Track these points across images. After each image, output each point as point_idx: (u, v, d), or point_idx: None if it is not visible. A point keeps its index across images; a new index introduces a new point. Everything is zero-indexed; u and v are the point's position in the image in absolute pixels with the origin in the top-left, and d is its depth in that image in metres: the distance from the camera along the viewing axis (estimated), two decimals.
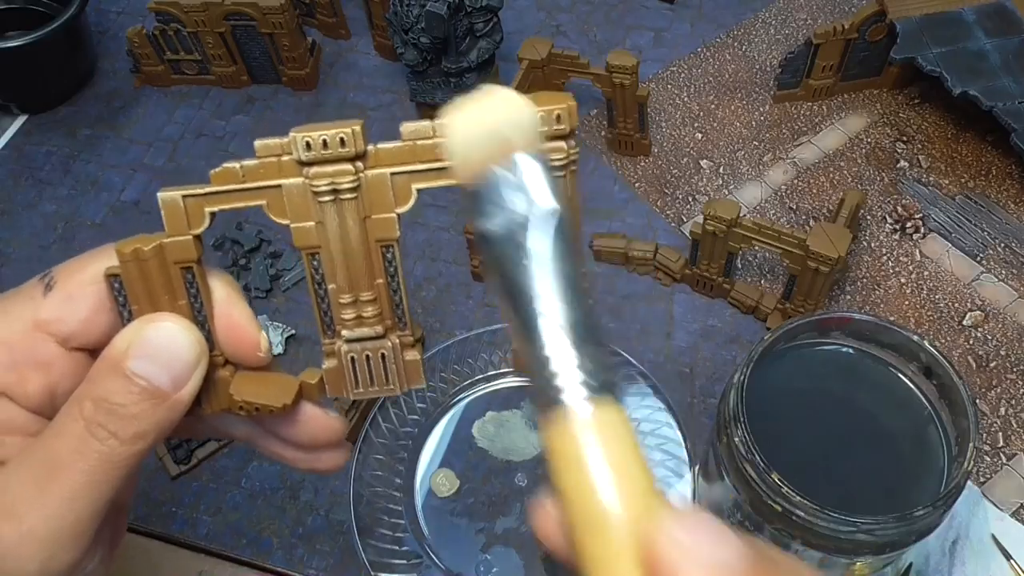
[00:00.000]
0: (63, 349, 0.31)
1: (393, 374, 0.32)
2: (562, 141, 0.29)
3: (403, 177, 0.30)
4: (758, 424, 0.43)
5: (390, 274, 0.31)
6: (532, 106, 0.25)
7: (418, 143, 0.30)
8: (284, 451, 0.34)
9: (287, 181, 0.30)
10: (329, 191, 0.29)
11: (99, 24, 0.85)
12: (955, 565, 0.53)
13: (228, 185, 0.30)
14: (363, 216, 0.30)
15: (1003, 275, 0.66)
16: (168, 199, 0.30)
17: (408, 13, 0.67)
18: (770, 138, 0.74)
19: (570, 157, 0.29)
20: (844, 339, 0.48)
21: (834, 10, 0.82)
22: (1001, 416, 0.59)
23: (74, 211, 0.73)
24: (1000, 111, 0.66)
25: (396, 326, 0.32)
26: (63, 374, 0.31)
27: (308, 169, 0.29)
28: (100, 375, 0.29)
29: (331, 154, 0.29)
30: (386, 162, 0.30)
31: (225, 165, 0.30)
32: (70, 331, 0.31)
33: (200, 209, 0.30)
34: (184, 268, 0.30)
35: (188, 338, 0.30)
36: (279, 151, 0.29)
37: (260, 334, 0.32)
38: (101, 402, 0.29)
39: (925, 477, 0.45)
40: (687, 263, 0.64)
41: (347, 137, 0.29)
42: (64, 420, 0.29)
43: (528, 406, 0.60)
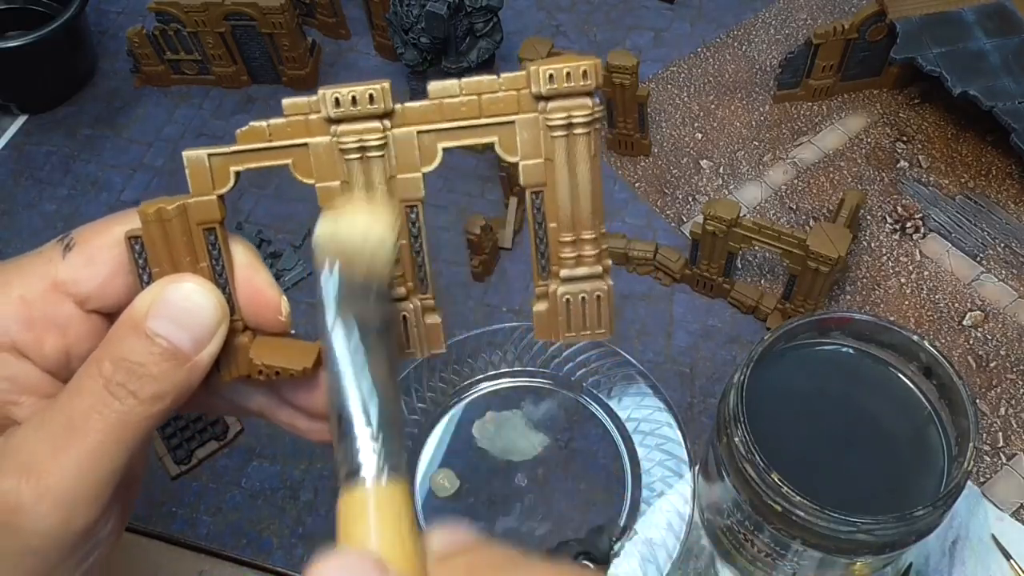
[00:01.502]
0: (80, 311, 0.31)
1: (414, 338, 0.32)
2: (587, 97, 0.29)
3: (429, 136, 0.30)
4: (758, 424, 0.43)
5: (413, 235, 0.31)
6: (391, 234, 0.28)
7: (445, 101, 0.30)
8: (298, 421, 0.34)
9: (314, 139, 0.30)
10: (356, 148, 0.29)
11: (99, 24, 0.85)
12: (955, 565, 0.53)
13: (254, 143, 0.30)
14: (389, 175, 0.30)
15: (1003, 275, 0.66)
16: (194, 157, 0.30)
17: (408, 13, 0.67)
18: (770, 138, 0.74)
19: (595, 114, 0.29)
20: (844, 339, 0.48)
21: (834, 10, 0.82)
22: (1001, 416, 0.59)
23: (74, 211, 0.73)
24: (1000, 111, 0.66)
25: (418, 288, 0.32)
26: (79, 336, 0.31)
27: (336, 127, 0.29)
28: (120, 335, 0.29)
29: (360, 111, 0.29)
30: (413, 120, 0.30)
31: (252, 124, 0.30)
32: (88, 292, 0.30)
33: (226, 168, 0.30)
34: (207, 230, 0.30)
35: (210, 300, 0.30)
36: (307, 110, 0.29)
37: (282, 298, 0.32)
38: (121, 361, 0.28)
39: (925, 477, 0.45)
40: (687, 263, 0.64)
41: (376, 94, 0.29)
42: (83, 379, 0.29)
43: (528, 406, 0.60)
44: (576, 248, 0.31)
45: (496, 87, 0.30)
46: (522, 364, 0.61)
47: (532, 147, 0.30)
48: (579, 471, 0.57)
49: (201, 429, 0.59)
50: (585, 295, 0.31)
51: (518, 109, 0.30)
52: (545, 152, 0.30)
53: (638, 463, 0.57)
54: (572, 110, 0.29)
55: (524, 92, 0.29)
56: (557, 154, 0.30)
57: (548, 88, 0.29)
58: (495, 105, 0.30)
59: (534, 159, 0.30)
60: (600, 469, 0.57)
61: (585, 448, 0.58)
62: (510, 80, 0.29)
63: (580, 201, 0.30)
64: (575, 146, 0.30)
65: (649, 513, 0.55)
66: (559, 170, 0.30)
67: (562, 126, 0.29)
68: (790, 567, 0.47)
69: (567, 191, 0.30)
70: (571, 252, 0.31)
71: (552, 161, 0.30)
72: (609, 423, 0.59)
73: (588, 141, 0.30)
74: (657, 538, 0.54)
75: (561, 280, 0.31)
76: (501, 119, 0.30)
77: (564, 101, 0.29)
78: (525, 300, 0.65)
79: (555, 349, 0.61)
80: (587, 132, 0.29)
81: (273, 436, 0.60)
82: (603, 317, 0.32)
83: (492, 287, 0.66)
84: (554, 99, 0.29)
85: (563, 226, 0.30)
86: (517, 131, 0.30)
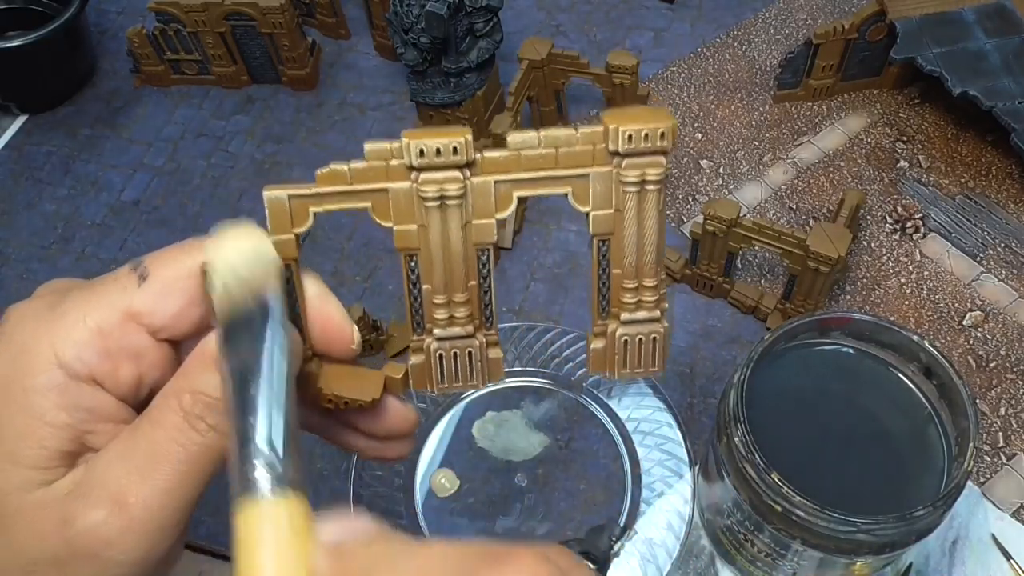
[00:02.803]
0: (153, 340, 0.31)
1: (477, 371, 0.34)
2: (662, 156, 0.30)
3: (506, 185, 0.31)
4: (758, 424, 0.43)
5: (483, 276, 0.32)
6: (270, 249, 0.29)
7: (523, 153, 0.31)
8: (357, 441, 0.35)
9: (395, 185, 0.30)
10: (436, 197, 0.30)
11: (99, 24, 0.85)
12: (955, 565, 0.53)
13: (335, 187, 0.30)
14: (464, 221, 0.31)
15: (1003, 275, 0.66)
16: (274, 198, 0.30)
17: (408, 13, 0.67)
18: (770, 138, 0.74)
19: (666, 172, 0.31)
20: (844, 339, 0.48)
21: (834, 10, 0.82)
22: (1001, 416, 0.59)
23: (74, 211, 0.73)
24: (1000, 111, 0.66)
25: (483, 325, 0.33)
26: (151, 364, 0.31)
27: (417, 174, 0.30)
28: (198, 369, 0.30)
29: (442, 161, 0.30)
30: (491, 170, 0.31)
31: (332, 166, 0.30)
32: (162, 323, 0.31)
33: (305, 209, 0.30)
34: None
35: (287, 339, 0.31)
36: (388, 155, 0.30)
37: (353, 328, 0.33)
38: (199, 396, 0.29)
39: (925, 477, 0.45)
40: (687, 263, 0.64)
41: (460, 146, 0.30)
42: (163, 411, 0.30)
43: (528, 406, 0.60)
44: (638, 293, 0.32)
45: (574, 141, 0.30)
46: (522, 364, 0.61)
47: (604, 199, 0.31)
48: (579, 471, 0.57)
49: None
50: (642, 336, 0.33)
51: (593, 162, 0.31)
52: (615, 204, 0.31)
53: (638, 463, 0.57)
54: (646, 168, 0.30)
55: (600, 147, 0.30)
56: (627, 207, 0.31)
57: (626, 148, 0.30)
58: (571, 158, 0.31)
59: (605, 210, 0.31)
60: (600, 469, 0.57)
61: (585, 448, 0.58)
62: (587, 135, 0.30)
63: (645, 251, 0.32)
64: (645, 200, 0.31)
65: (649, 513, 0.55)
66: (628, 222, 0.31)
67: (635, 183, 0.30)
68: (790, 567, 0.47)
69: (633, 241, 0.32)
70: (632, 297, 0.32)
71: (621, 212, 0.31)
72: (609, 423, 0.59)
73: (658, 197, 0.31)
74: (657, 538, 0.54)
75: (621, 322, 0.33)
76: (576, 172, 0.31)
77: (639, 159, 0.30)
78: (525, 300, 0.65)
79: (555, 349, 0.61)
80: (658, 189, 0.31)
81: None
82: (657, 357, 0.34)
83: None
84: (629, 156, 0.30)
85: (627, 274, 0.32)
86: (591, 184, 0.31)
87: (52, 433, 0.29)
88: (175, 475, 0.29)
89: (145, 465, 0.29)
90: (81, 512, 0.29)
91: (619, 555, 0.54)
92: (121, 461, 0.29)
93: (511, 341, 0.61)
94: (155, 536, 0.29)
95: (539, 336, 0.61)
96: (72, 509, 0.29)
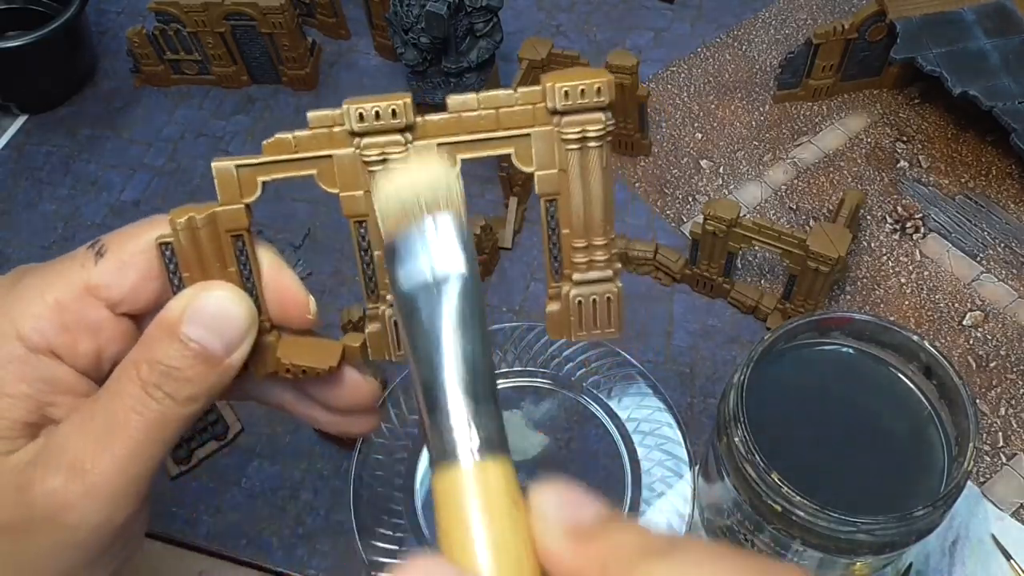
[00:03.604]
0: (111, 314, 0.32)
1: None
2: (600, 112, 0.30)
3: (448, 148, 0.31)
4: (758, 424, 0.43)
5: None
6: (453, 170, 0.30)
7: (463, 115, 0.31)
8: (320, 415, 0.36)
9: (338, 151, 0.31)
10: (379, 160, 0.31)
11: (99, 24, 0.85)
12: (955, 565, 0.53)
13: (281, 155, 0.31)
14: None
15: (1003, 275, 0.66)
16: (222, 168, 0.31)
17: (408, 13, 0.67)
18: (770, 138, 0.74)
19: (606, 128, 0.31)
20: (844, 339, 0.48)
21: (834, 10, 0.82)
22: (1001, 416, 0.59)
23: (74, 211, 0.73)
24: (1000, 111, 0.66)
25: None
26: (110, 338, 0.32)
27: (359, 140, 0.30)
28: (155, 339, 0.31)
29: (382, 125, 0.30)
30: (432, 133, 0.31)
31: (278, 136, 0.31)
32: (120, 297, 0.32)
33: (253, 179, 0.31)
34: (235, 236, 0.31)
35: (240, 306, 0.31)
36: (330, 122, 0.31)
37: (308, 297, 0.33)
38: (157, 365, 0.30)
39: (925, 477, 0.45)
40: (687, 263, 0.64)
41: (398, 109, 0.30)
42: (121, 381, 0.30)
43: (528, 406, 0.60)
44: (588, 253, 0.32)
45: (512, 101, 0.31)
46: (522, 364, 0.61)
47: (547, 158, 0.31)
48: (579, 471, 0.57)
49: (201, 429, 0.59)
50: (596, 297, 0.33)
51: (533, 122, 0.31)
52: (559, 163, 0.31)
53: (638, 463, 0.57)
54: (586, 125, 0.30)
55: (540, 106, 0.31)
56: (571, 165, 0.31)
57: (563, 104, 0.30)
58: (511, 118, 0.31)
59: (549, 170, 0.31)
60: (600, 469, 0.57)
61: (585, 448, 0.58)
62: (526, 95, 0.31)
63: (592, 209, 0.32)
64: (588, 158, 0.31)
65: (649, 513, 0.55)
66: (573, 180, 0.31)
67: (576, 140, 0.31)
68: None
69: (580, 200, 0.32)
70: (583, 257, 0.32)
71: (566, 171, 0.31)
72: (609, 423, 0.59)
73: (600, 153, 0.31)
74: None
75: (574, 283, 0.33)
76: (517, 132, 0.31)
77: (578, 116, 0.30)
78: (525, 300, 0.65)
79: (555, 349, 0.61)
80: (600, 145, 0.31)
81: (273, 436, 0.60)
82: (613, 317, 0.33)
83: (492, 287, 0.66)
84: (569, 114, 0.30)
85: (576, 232, 0.32)
86: (533, 143, 0.31)
87: (12, 404, 0.30)
88: (132, 443, 0.30)
89: (103, 433, 0.30)
90: (39, 478, 0.29)
91: None
92: (80, 430, 0.30)
93: (511, 341, 0.61)
94: (113, 502, 0.30)
95: (539, 336, 0.61)
96: (31, 476, 0.30)
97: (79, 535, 0.30)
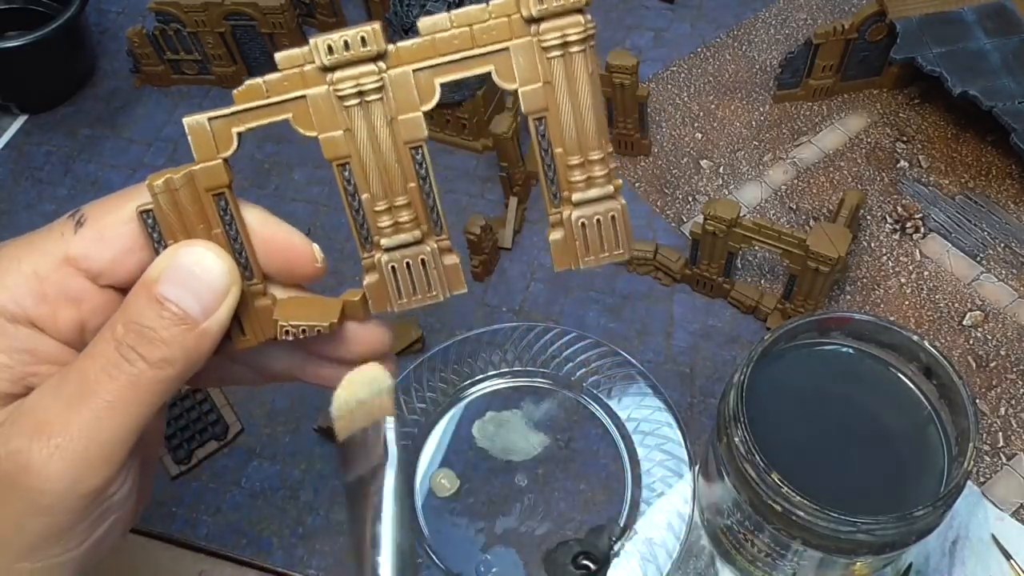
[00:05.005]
0: (93, 285, 0.31)
1: (435, 280, 0.32)
2: (579, 15, 0.29)
3: (425, 73, 0.30)
4: (758, 424, 0.43)
5: (421, 176, 0.31)
6: (388, 378, 0.32)
7: (437, 36, 0.30)
8: (332, 372, 0.34)
9: (311, 91, 0.30)
10: (354, 94, 0.29)
11: (99, 24, 0.85)
12: (955, 565, 0.53)
13: (253, 102, 0.30)
14: (390, 118, 0.30)
15: (1003, 275, 0.66)
16: (194, 123, 0.30)
17: (408, 13, 0.67)
18: (770, 138, 0.74)
19: (587, 31, 0.29)
20: (844, 339, 0.48)
21: (834, 10, 0.82)
22: (1001, 416, 0.59)
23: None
24: (1000, 111, 0.66)
25: (432, 231, 0.32)
26: (93, 310, 0.31)
27: (332, 75, 0.29)
28: (133, 299, 0.30)
29: (353, 55, 0.29)
30: (407, 60, 0.30)
31: (248, 82, 0.30)
32: (100, 268, 0.31)
33: (227, 130, 0.30)
34: (216, 195, 0.30)
35: (220, 265, 0.30)
36: (301, 61, 0.30)
37: (312, 245, 0.32)
38: (131, 325, 0.29)
39: (925, 477, 0.45)
40: (687, 263, 0.64)
41: (368, 36, 0.29)
42: (97, 343, 0.30)
43: (528, 406, 0.60)
44: (585, 170, 0.31)
45: (486, 15, 0.29)
46: (522, 364, 0.61)
47: (529, 72, 0.30)
48: (579, 471, 0.57)
49: (201, 429, 0.59)
50: (600, 217, 0.31)
51: (511, 35, 0.29)
52: (543, 75, 0.30)
53: (638, 463, 0.57)
54: (566, 28, 0.29)
55: (515, 17, 0.29)
56: (555, 76, 0.30)
57: (539, 9, 0.29)
58: (488, 34, 0.29)
59: (532, 84, 0.30)
60: (600, 469, 0.57)
61: (585, 448, 0.58)
62: (499, 6, 0.29)
63: (584, 121, 0.30)
64: (572, 65, 0.29)
65: (649, 513, 0.55)
66: (559, 92, 0.30)
67: (557, 46, 0.29)
68: (790, 567, 0.47)
69: (570, 112, 0.30)
70: (581, 175, 0.31)
71: (551, 84, 0.30)
72: (609, 423, 0.59)
73: (585, 59, 0.29)
74: (657, 538, 0.54)
75: (574, 204, 0.31)
76: (495, 47, 0.29)
77: (556, 21, 0.29)
78: (525, 300, 0.65)
79: (555, 349, 0.61)
80: (583, 50, 0.29)
81: (273, 436, 0.60)
82: (620, 237, 0.32)
83: (492, 287, 0.66)
84: (546, 20, 0.29)
85: (569, 149, 0.30)
86: (512, 57, 0.30)
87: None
88: (103, 405, 0.29)
89: (74, 395, 0.29)
90: (4, 439, 0.28)
91: (619, 555, 0.54)
92: (52, 392, 0.29)
93: (511, 341, 0.61)
94: (81, 466, 0.28)
95: (539, 336, 0.61)
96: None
97: (44, 500, 0.28)
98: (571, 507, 0.56)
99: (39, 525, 0.29)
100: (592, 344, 0.61)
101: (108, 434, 0.29)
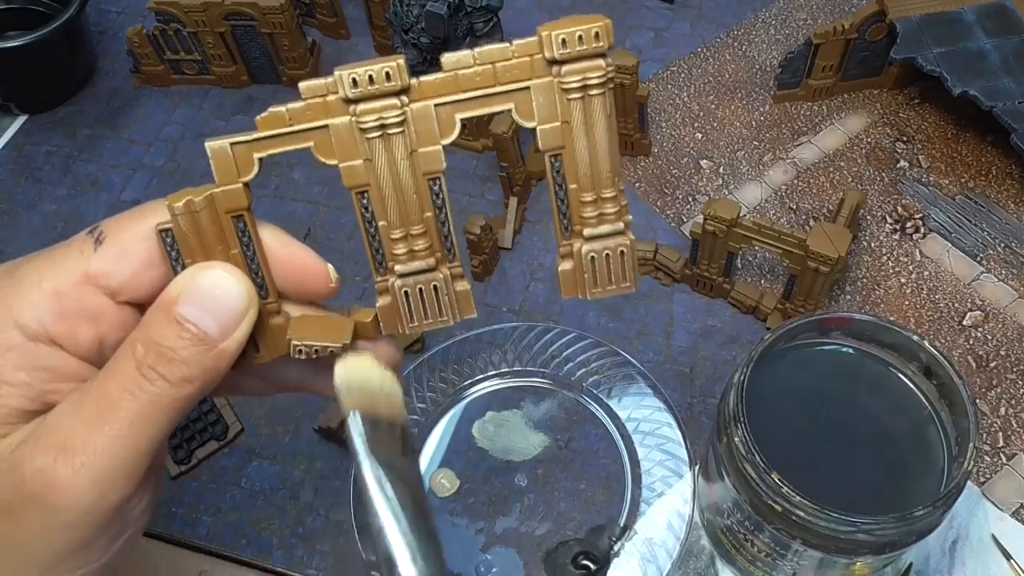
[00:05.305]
0: (111, 302, 0.31)
1: (446, 306, 0.33)
2: (600, 59, 0.30)
3: (447, 108, 0.31)
4: (758, 424, 0.43)
5: (438, 206, 0.32)
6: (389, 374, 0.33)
7: (460, 72, 0.30)
8: None
9: (334, 120, 0.30)
10: (376, 127, 0.30)
11: (99, 24, 0.85)
12: (955, 565, 0.53)
13: (275, 129, 0.30)
14: (410, 150, 0.31)
15: (1003, 275, 0.66)
16: (217, 147, 0.30)
17: (408, 13, 0.67)
18: (770, 138, 0.74)
19: (608, 75, 0.30)
20: (844, 339, 0.48)
21: (834, 10, 0.82)
22: (1001, 416, 0.59)
23: (74, 211, 0.73)
24: (1000, 111, 0.66)
25: (446, 258, 0.33)
26: (112, 326, 0.32)
27: (355, 106, 0.30)
28: (152, 319, 0.30)
29: (377, 89, 0.30)
30: (430, 94, 0.30)
31: (271, 109, 0.30)
32: (119, 285, 0.31)
33: (249, 156, 0.30)
34: (235, 217, 0.31)
35: (238, 287, 0.31)
36: (324, 91, 0.30)
37: (326, 265, 0.33)
38: (152, 345, 0.30)
39: (925, 477, 0.45)
40: (687, 263, 0.64)
41: (392, 71, 0.30)
42: (118, 361, 0.30)
43: (528, 406, 0.60)
44: (597, 207, 0.32)
45: (509, 54, 0.30)
46: (522, 364, 0.61)
47: (548, 111, 0.30)
48: (579, 471, 0.57)
49: (201, 429, 0.59)
50: (609, 251, 0.32)
51: (532, 75, 0.30)
52: (562, 115, 0.30)
53: (638, 463, 0.57)
54: (586, 72, 0.30)
55: (537, 57, 0.30)
56: (574, 116, 0.30)
57: (561, 52, 0.29)
58: (509, 72, 0.30)
59: (551, 123, 0.31)
60: (600, 469, 0.57)
61: (585, 448, 0.58)
62: (522, 47, 0.30)
63: (598, 161, 0.31)
64: (591, 107, 0.30)
65: (649, 513, 0.55)
66: (576, 132, 0.30)
67: (577, 88, 0.30)
68: (790, 567, 0.47)
69: (585, 151, 0.31)
70: (593, 211, 0.32)
71: (569, 123, 0.30)
72: (609, 423, 0.59)
73: (603, 101, 0.30)
74: (657, 538, 0.54)
75: (585, 239, 0.32)
76: (516, 86, 0.30)
77: (578, 64, 0.30)
78: (525, 300, 0.65)
79: (555, 349, 0.61)
80: (602, 93, 0.30)
81: (273, 436, 0.60)
82: (628, 271, 0.33)
83: (492, 287, 0.66)
84: (568, 63, 0.30)
85: (583, 186, 0.31)
86: (533, 96, 0.30)
87: (11, 392, 0.30)
88: (124, 423, 0.29)
89: (95, 414, 0.29)
90: (28, 458, 0.29)
91: (619, 555, 0.54)
92: (73, 410, 0.30)
93: (511, 341, 0.61)
94: (104, 483, 0.29)
95: (539, 336, 0.61)
96: (20, 455, 0.29)
97: (69, 516, 0.29)
98: (571, 507, 0.56)
99: (63, 540, 0.30)
100: (592, 344, 0.61)
101: (130, 451, 0.29)
